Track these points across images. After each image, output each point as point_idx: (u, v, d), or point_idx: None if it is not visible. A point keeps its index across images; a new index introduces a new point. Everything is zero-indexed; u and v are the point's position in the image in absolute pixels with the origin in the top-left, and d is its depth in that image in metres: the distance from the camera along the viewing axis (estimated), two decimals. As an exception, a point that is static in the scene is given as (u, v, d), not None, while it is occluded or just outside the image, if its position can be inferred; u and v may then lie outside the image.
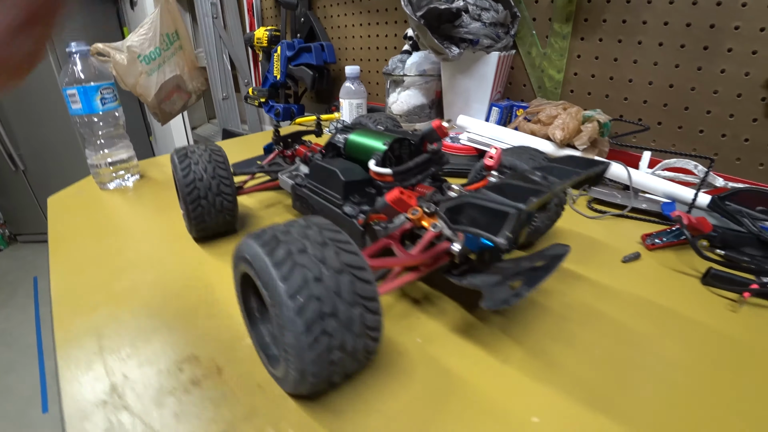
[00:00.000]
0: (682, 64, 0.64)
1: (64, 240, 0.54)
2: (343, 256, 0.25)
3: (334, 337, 0.23)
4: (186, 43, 1.58)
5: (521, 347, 0.33)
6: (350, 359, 0.25)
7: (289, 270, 0.23)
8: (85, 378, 0.31)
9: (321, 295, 0.23)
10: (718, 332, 0.35)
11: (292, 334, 0.23)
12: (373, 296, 0.25)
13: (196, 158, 0.45)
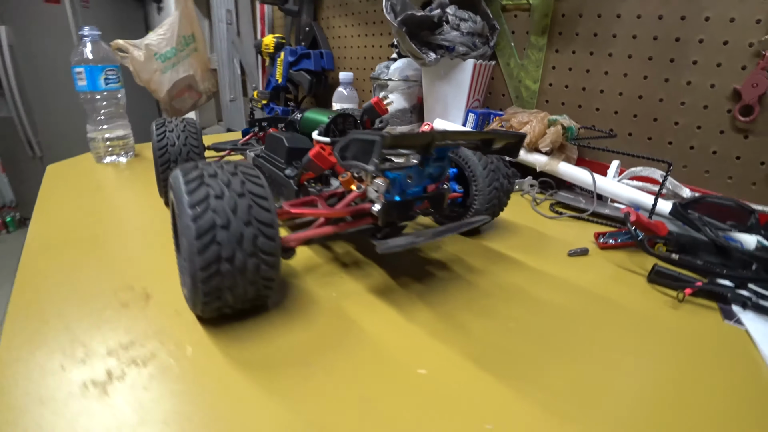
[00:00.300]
0: (651, 76, 0.64)
1: (50, 199, 0.58)
2: (248, 185, 0.27)
3: (223, 247, 0.25)
4: (201, 45, 1.66)
5: (432, 311, 0.33)
6: (240, 277, 0.26)
7: (195, 187, 0.26)
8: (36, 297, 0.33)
9: (217, 209, 0.25)
10: (649, 320, 0.34)
11: (186, 240, 0.24)
12: (270, 223, 0.27)
13: (172, 127, 0.51)
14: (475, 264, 0.42)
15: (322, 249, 0.44)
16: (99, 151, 0.76)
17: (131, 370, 0.25)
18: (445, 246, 0.46)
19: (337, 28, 1.29)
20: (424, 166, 0.32)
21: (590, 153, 0.73)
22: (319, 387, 0.24)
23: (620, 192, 0.60)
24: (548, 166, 0.66)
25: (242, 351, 0.27)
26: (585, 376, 0.27)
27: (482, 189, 0.45)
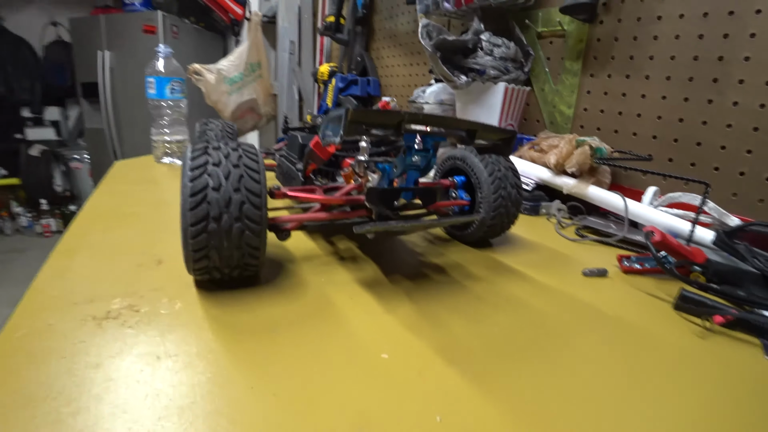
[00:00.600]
0: (692, 98, 0.61)
1: (109, 185, 0.69)
2: (244, 159, 0.30)
3: (212, 206, 0.28)
4: (265, 72, 1.84)
5: (415, 307, 0.33)
6: (226, 238, 0.29)
7: (198, 155, 0.29)
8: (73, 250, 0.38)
9: (212, 173, 0.29)
10: (668, 347, 0.31)
11: (182, 198, 0.28)
12: (258, 193, 0.30)
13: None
14: (476, 272, 0.41)
15: (324, 243, 0.46)
16: (158, 152, 0.87)
17: (125, 313, 0.28)
18: (448, 253, 0.46)
19: (386, 58, 1.38)
20: (406, 154, 0.34)
21: (627, 179, 0.70)
22: (281, 354, 0.26)
23: (655, 218, 0.56)
24: (576, 188, 0.64)
25: (223, 313, 0.30)
26: (560, 386, 0.25)
27: (487, 196, 0.45)
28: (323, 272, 0.38)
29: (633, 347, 0.30)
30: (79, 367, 0.23)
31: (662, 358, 0.29)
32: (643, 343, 0.31)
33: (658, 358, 0.29)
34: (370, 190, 0.34)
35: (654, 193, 0.60)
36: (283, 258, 0.40)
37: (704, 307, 0.36)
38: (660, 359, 0.29)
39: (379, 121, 0.30)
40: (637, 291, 0.41)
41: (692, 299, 0.37)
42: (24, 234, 3.17)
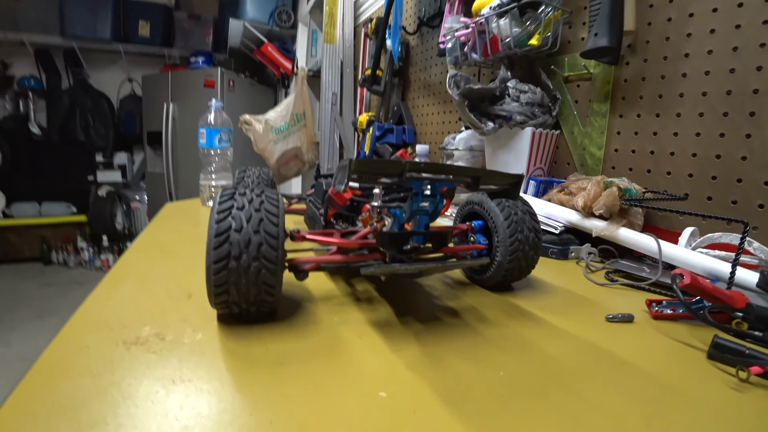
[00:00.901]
0: (728, 133, 0.59)
1: (158, 224, 0.76)
2: (265, 205, 0.33)
3: (233, 246, 0.31)
4: (309, 122, 1.96)
5: (422, 348, 0.33)
6: (244, 275, 0.32)
7: (225, 199, 0.33)
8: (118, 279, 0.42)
9: (235, 216, 0.32)
10: (698, 401, 0.28)
11: (208, 237, 0.31)
12: (275, 235, 0.32)
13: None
14: (490, 316, 0.41)
15: (343, 284, 0.47)
16: (204, 195, 0.95)
17: (152, 340, 0.31)
18: (464, 297, 0.46)
19: (421, 107, 1.44)
20: (413, 200, 0.35)
21: (663, 220, 0.67)
22: (284, 385, 0.27)
23: (692, 260, 0.53)
24: (606, 231, 0.62)
25: (238, 345, 0.32)
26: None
27: (503, 240, 0.44)
28: (338, 312, 0.39)
29: (654, 398, 0.28)
30: (104, 385, 0.25)
31: (688, 411, 0.27)
32: (666, 394, 0.29)
33: (683, 411, 0.27)
34: (380, 233, 0.36)
35: (691, 234, 0.58)
36: (302, 297, 0.42)
37: (741, 356, 0.33)
38: (685, 413, 0.27)
39: (382, 170, 0.32)
40: (665, 338, 0.38)
41: (727, 347, 0.34)
42: (85, 268, 3.44)
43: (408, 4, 1.47)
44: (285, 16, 2.99)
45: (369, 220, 0.41)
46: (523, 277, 0.48)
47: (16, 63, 3.37)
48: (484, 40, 0.87)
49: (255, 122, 1.80)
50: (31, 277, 3.19)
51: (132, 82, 3.66)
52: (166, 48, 3.55)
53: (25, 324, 2.42)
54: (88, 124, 3.48)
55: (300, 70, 1.97)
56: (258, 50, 2.95)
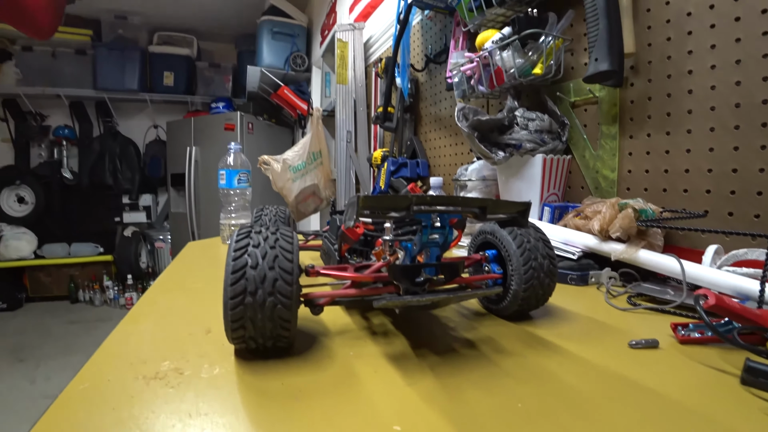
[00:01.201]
0: (742, 146, 0.58)
1: (180, 262, 0.78)
2: (280, 242, 0.34)
3: (249, 282, 0.32)
4: (326, 160, 2.02)
5: (437, 381, 0.33)
6: (260, 310, 0.32)
7: (242, 237, 0.34)
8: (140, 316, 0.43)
9: (251, 254, 0.33)
10: (725, 427, 0.27)
11: (226, 274, 0.32)
12: (290, 271, 0.33)
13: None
14: (508, 346, 0.40)
15: (359, 318, 0.47)
16: (225, 234, 0.97)
17: (170, 374, 0.32)
18: (481, 327, 0.45)
19: (433, 140, 1.47)
20: (422, 232, 0.36)
21: (684, 240, 0.65)
22: (298, 419, 0.27)
23: (718, 279, 0.51)
24: (625, 254, 0.61)
25: (254, 379, 0.32)
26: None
27: (517, 269, 0.44)
28: (353, 346, 0.39)
29: (685, 429, 0.27)
30: (123, 418, 0.26)
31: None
32: (699, 425, 0.27)
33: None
34: (392, 266, 0.36)
35: (715, 252, 0.56)
36: (318, 331, 0.43)
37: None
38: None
39: (389, 205, 0.33)
40: (694, 363, 0.37)
41: (761, 371, 0.33)
42: (110, 305, 3.53)
43: (415, 43, 1.54)
44: (299, 60, 3.15)
45: (382, 253, 0.42)
46: (540, 305, 0.48)
47: (52, 114, 3.63)
48: (489, 72, 0.90)
49: (273, 162, 1.87)
50: (59, 314, 3.28)
51: (157, 128, 3.87)
52: (189, 95, 3.76)
53: (50, 361, 2.47)
54: (116, 169, 3.66)
55: (315, 110, 2.05)
56: (275, 93, 3.09)
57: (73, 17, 3.29)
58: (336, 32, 2.08)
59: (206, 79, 3.82)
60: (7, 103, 3.48)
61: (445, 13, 1.28)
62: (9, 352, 2.59)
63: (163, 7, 3.36)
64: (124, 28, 3.52)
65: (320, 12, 3.02)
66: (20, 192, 3.41)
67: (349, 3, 2.31)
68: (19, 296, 3.44)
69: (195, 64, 3.79)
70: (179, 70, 3.64)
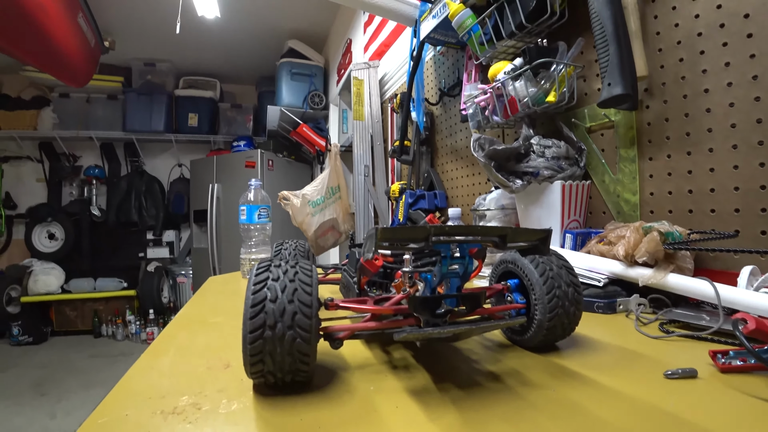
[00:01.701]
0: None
1: (201, 297, 0.79)
2: (299, 275, 0.34)
3: (268, 316, 0.32)
4: (344, 194, 2.04)
5: (461, 416, 0.31)
6: (279, 344, 0.32)
7: (261, 272, 0.34)
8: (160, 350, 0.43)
9: (271, 287, 0.33)
10: None
11: (245, 308, 0.32)
12: (309, 304, 0.33)
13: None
14: (534, 378, 0.38)
15: (380, 352, 0.46)
16: (245, 269, 0.98)
17: (188, 409, 0.31)
18: (505, 359, 0.44)
19: (449, 171, 1.47)
20: (441, 263, 0.35)
21: (715, 262, 0.62)
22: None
23: (757, 302, 0.48)
24: (653, 279, 0.58)
25: (273, 415, 0.31)
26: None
27: (540, 297, 0.43)
28: (374, 380, 0.38)
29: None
30: (140, 456, 0.25)
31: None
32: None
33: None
34: (412, 298, 0.36)
35: (751, 273, 0.53)
36: (338, 366, 0.42)
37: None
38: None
39: (407, 236, 0.32)
40: (737, 393, 0.34)
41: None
42: (132, 340, 3.56)
43: (429, 78, 1.58)
44: (317, 99, 3.27)
45: (402, 285, 0.41)
46: (567, 335, 0.46)
47: (84, 155, 3.84)
48: (503, 102, 0.91)
49: (293, 197, 1.90)
50: (82, 349, 3.32)
51: (181, 167, 4.03)
52: (212, 135, 3.93)
53: (71, 395, 2.47)
54: (141, 206, 3.80)
55: (333, 146, 2.10)
56: (294, 131, 3.20)
57: (106, 66, 3.54)
58: (352, 71, 2.16)
59: (228, 119, 4.00)
60: (43, 145, 3.71)
61: (457, 48, 1.32)
62: (32, 385, 2.61)
63: (188, 54, 3.58)
64: (153, 74, 3.75)
65: (336, 52, 3.16)
66: (51, 229, 3.56)
67: (364, 43, 2.41)
68: (45, 330, 3.52)
69: (218, 105, 3.98)
70: (203, 111, 3.82)
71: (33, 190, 3.74)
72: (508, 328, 0.49)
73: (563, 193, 0.80)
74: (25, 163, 3.74)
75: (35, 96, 3.63)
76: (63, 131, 3.57)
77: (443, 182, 1.53)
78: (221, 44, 3.41)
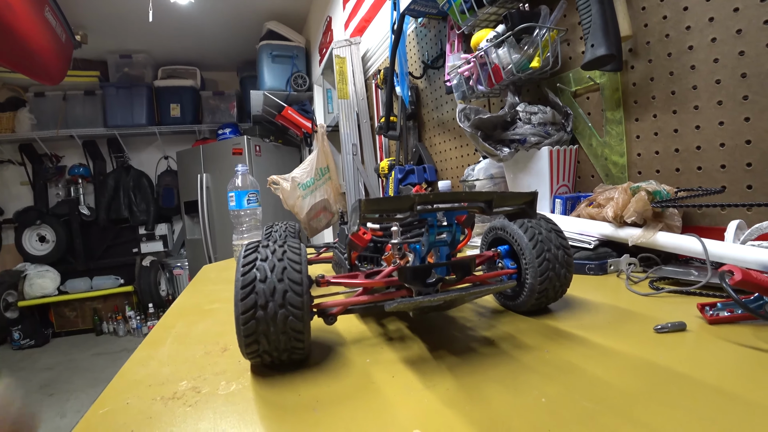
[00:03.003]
0: (753, 116, 0.56)
1: (195, 285, 0.79)
2: (288, 254, 0.34)
3: (259, 296, 0.32)
4: (334, 174, 2.03)
5: (456, 381, 0.32)
6: (272, 323, 0.32)
7: (249, 252, 0.34)
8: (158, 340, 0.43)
9: (260, 268, 0.32)
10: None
11: (235, 290, 0.32)
12: (299, 282, 0.33)
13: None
14: (528, 341, 0.39)
15: (375, 325, 0.47)
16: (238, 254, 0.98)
17: (188, 393, 0.32)
18: (499, 325, 0.44)
19: (438, 144, 1.46)
20: (429, 231, 0.35)
21: (704, 218, 0.63)
22: (317, 430, 0.26)
23: (744, 255, 0.49)
24: (642, 238, 0.59)
25: (271, 393, 0.32)
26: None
27: (531, 261, 0.43)
28: (370, 353, 0.39)
29: (723, 414, 0.25)
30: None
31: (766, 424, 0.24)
32: (737, 408, 0.26)
33: (761, 425, 0.24)
34: (402, 269, 0.36)
35: (738, 227, 0.54)
36: (334, 342, 0.42)
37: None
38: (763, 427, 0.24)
39: (391, 207, 0.32)
40: (726, 343, 0.35)
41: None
42: (133, 335, 3.58)
43: (411, 51, 1.55)
44: (300, 80, 3.21)
45: (392, 258, 0.41)
46: (558, 297, 0.46)
47: (67, 155, 3.76)
48: (487, 71, 0.90)
49: (282, 181, 1.89)
50: (85, 348, 3.34)
51: (168, 159, 3.96)
52: (196, 124, 3.85)
53: (80, 394, 2.50)
54: (131, 202, 3.75)
55: (319, 127, 2.07)
56: (279, 115, 3.14)
57: (80, 60, 3.42)
58: (333, 49, 2.11)
59: (212, 108, 3.92)
60: (23, 147, 3.61)
61: (438, 19, 1.29)
62: (39, 387, 2.63)
63: (165, 43, 3.47)
64: (130, 66, 3.64)
65: (317, 31, 3.08)
66: (41, 231, 3.52)
67: (344, 20, 2.35)
68: (46, 332, 3.52)
69: (200, 94, 3.88)
70: (185, 101, 3.73)
71: (18, 194, 3.67)
72: (500, 295, 0.49)
73: (551, 159, 0.80)
74: (6, 167, 3.65)
75: (9, 97, 3.51)
76: (42, 132, 3.47)
77: (432, 156, 1.53)
78: (197, 30, 3.30)
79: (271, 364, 0.36)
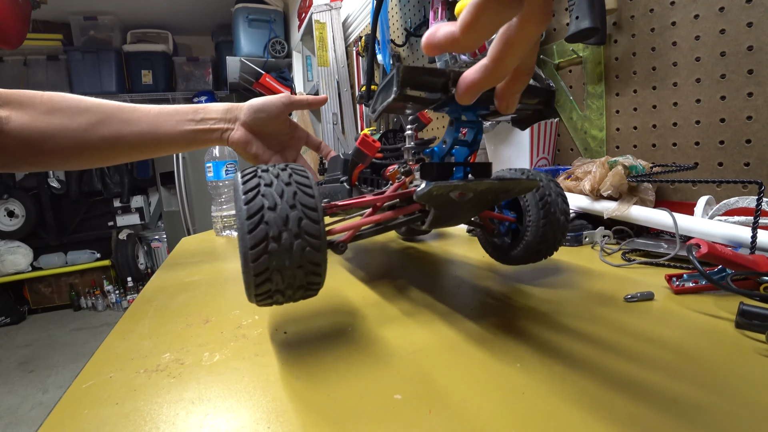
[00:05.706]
0: (729, 95, 0.58)
1: (175, 258, 0.78)
2: (295, 177, 0.30)
3: (270, 226, 0.27)
4: (314, 144, 2.00)
5: (440, 341, 0.33)
6: (288, 257, 0.28)
7: (249, 178, 0.29)
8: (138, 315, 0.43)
9: (266, 194, 0.28)
10: (724, 372, 0.28)
11: (240, 222, 0.28)
12: (314, 207, 0.29)
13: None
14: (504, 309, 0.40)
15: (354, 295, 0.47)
16: (218, 226, 0.97)
17: (171, 365, 0.32)
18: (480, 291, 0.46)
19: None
20: (454, 125, 0.33)
21: (676, 193, 0.65)
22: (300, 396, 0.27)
23: (710, 230, 0.52)
24: (617, 211, 0.61)
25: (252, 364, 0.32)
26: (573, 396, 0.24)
27: (535, 221, 0.43)
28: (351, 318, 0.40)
29: (682, 372, 0.27)
30: (126, 411, 0.26)
31: (718, 382, 0.26)
32: (695, 367, 0.28)
33: (714, 383, 0.26)
34: (426, 165, 0.33)
35: (707, 203, 0.56)
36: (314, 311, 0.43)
37: None
38: (716, 385, 0.26)
39: (427, 79, 0.28)
40: (689, 311, 0.37)
41: (755, 314, 0.33)
42: (113, 309, 3.54)
43: (393, 18, 1.50)
44: (278, 46, 3.08)
45: (396, 174, 0.39)
46: (545, 257, 0.47)
47: (32, 125, 3.55)
48: (471, 40, 0.88)
49: (260, 151, 1.85)
50: (63, 324, 3.29)
51: (141, 129, 3.80)
52: (170, 92, 3.68)
53: (60, 369, 2.49)
54: (104, 173, 3.61)
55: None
56: (257, 82, 3.03)
57: (41, 22, 3.19)
58: (313, 14, 2.03)
59: (186, 74, 3.74)
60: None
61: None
62: (18, 364, 2.60)
63: (133, 4, 3.25)
64: (96, 29, 3.42)
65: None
66: (9, 206, 3.37)
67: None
68: (21, 309, 3.45)
69: (172, 59, 3.69)
70: (157, 67, 3.55)
71: (-20, 165, 3.48)
72: (493, 246, 0.50)
73: (532, 132, 0.81)
74: (-35, 135, 3.44)
75: (-37, 60, 3.27)
76: (2, 97, 3.26)
77: (415, 128, 1.52)
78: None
79: (281, 304, 0.33)
